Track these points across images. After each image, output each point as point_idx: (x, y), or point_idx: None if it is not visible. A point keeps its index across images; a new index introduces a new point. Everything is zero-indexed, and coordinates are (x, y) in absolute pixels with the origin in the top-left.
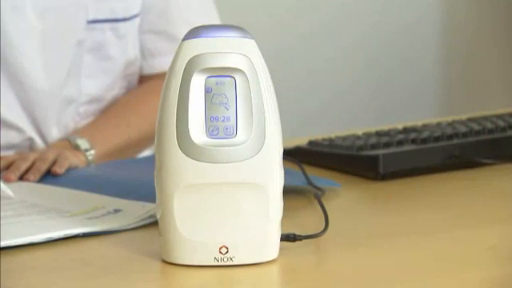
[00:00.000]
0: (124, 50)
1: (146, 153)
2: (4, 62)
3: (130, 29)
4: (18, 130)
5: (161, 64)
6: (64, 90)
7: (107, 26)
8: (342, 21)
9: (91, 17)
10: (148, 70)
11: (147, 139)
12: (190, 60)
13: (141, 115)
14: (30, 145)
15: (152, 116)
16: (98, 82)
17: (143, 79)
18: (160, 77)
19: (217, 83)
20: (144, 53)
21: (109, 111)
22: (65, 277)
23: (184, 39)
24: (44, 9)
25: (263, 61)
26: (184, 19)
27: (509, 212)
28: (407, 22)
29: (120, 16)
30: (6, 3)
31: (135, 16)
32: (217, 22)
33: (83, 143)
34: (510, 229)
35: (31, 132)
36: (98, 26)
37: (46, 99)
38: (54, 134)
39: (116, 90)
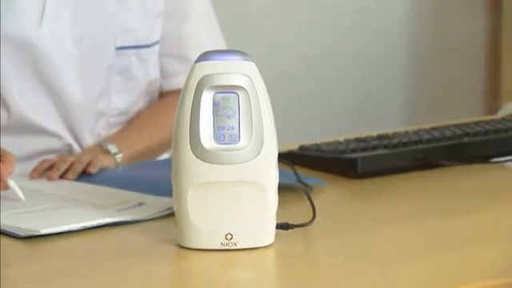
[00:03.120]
0: (146, 71)
1: (164, 156)
2: (46, 81)
3: (151, 54)
4: (59, 137)
5: (177, 82)
6: (97, 105)
7: (132, 52)
8: (311, 40)
9: (119, 44)
10: (166, 88)
11: (165, 145)
12: (201, 79)
13: (160, 125)
14: (69, 150)
15: (169, 126)
16: (125, 98)
17: (162, 95)
18: (176, 93)
19: (223, 98)
20: (163, 73)
21: (134, 122)
22: (97, 259)
23: (196, 62)
24: (80, 37)
25: (262, 80)
26: (196, 45)
27: (464, 204)
28: (375, 39)
29: (143, 43)
30: (48, 32)
31: (155, 43)
32: (223, 46)
33: (113, 148)
34: (464, 217)
35: (69, 139)
36: (124, 52)
37: (82, 112)
38: (89, 140)
39: (140, 105)
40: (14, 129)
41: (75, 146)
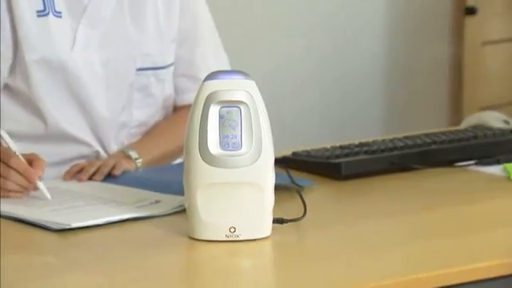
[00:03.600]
0: (162, 89)
1: (178, 161)
2: (77, 97)
3: (167, 74)
4: (88, 145)
5: (188, 98)
6: (120, 117)
7: (150, 72)
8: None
9: (139, 66)
10: (179, 103)
11: (178, 152)
12: (208, 95)
13: (174, 135)
14: (96, 155)
15: (182, 135)
16: (144, 112)
17: (176, 109)
18: (187, 107)
19: (227, 112)
20: (176, 90)
21: (151, 132)
22: (119, 249)
23: (204, 80)
24: (106, 61)
25: (260, 95)
26: (204, 66)
27: (432, 201)
28: (354, 63)
29: (159, 65)
30: (79, 56)
31: (170, 65)
32: (227, 65)
33: (133, 154)
34: (432, 213)
35: (97, 147)
36: (143, 72)
37: (108, 124)
38: (113, 147)
39: (157, 117)
40: (50, 138)
41: (102, 153)
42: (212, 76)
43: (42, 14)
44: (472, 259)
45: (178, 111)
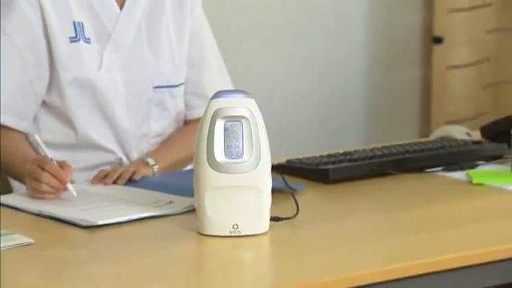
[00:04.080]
0: (176, 104)
1: (188, 167)
2: (104, 111)
3: (179, 92)
4: (113, 153)
5: (197, 113)
6: (140, 129)
7: (165, 90)
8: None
9: (155, 84)
10: (189, 117)
11: (189, 159)
12: (215, 111)
13: (185, 145)
14: (120, 162)
15: (192, 145)
16: (161, 124)
17: (186, 122)
18: (197, 121)
19: (231, 125)
20: (187, 106)
21: (166, 142)
22: (138, 242)
23: (211, 99)
24: (127, 81)
25: (259, 111)
26: (211, 86)
27: (406, 202)
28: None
29: (173, 84)
30: (105, 77)
31: (182, 84)
32: (230, 85)
33: (151, 161)
34: (407, 212)
35: (120, 154)
36: (159, 90)
37: (130, 135)
38: (134, 155)
39: (171, 129)
40: (80, 146)
41: (124, 159)
42: (218, 95)
43: (73, 40)
44: (439, 252)
45: (188, 124)
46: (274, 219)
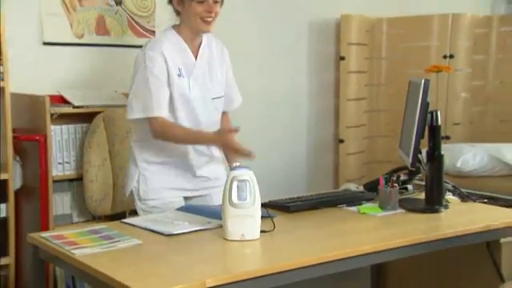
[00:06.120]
0: (221, 106)
1: (219, 203)
2: (194, 116)
3: (222, 100)
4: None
5: (227, 108)
6: (209, 120)
7: (217, 100)
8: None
9: (213, 97)
10: (224, 109)
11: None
12: (233, 177)
13: (225, 121)
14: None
15: (227, 120)
16: (218, 116)
17: (223, 112)
18: (226, 112)
19: (241, 184)
20: (224, 104)
21: (221, 121)
22: (193, 242)
23: (231, 170)
24: (202, 96)
25: (254, 177)
26: (234, 93)
27: (330, 222)
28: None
29: (220, 95)
30: (193, 94)
31: (223, 96)
32: (239, 95)
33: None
34: (331, 227)
35: None
36: (216, 99)
37: (205, 123)
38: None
39: (219, 118)
40: None
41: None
42: (233, 168)
43: (178, 75)
44: (344, 248)
45: (223, 114)
46: (262, 231)
